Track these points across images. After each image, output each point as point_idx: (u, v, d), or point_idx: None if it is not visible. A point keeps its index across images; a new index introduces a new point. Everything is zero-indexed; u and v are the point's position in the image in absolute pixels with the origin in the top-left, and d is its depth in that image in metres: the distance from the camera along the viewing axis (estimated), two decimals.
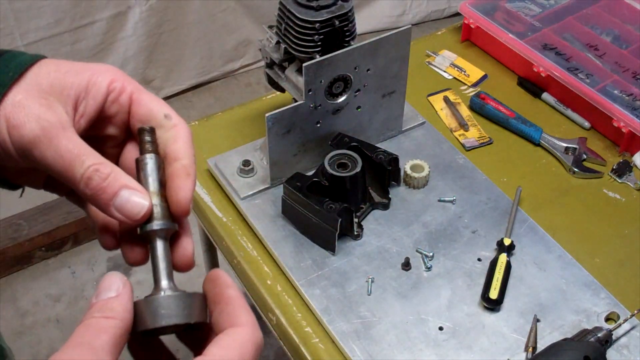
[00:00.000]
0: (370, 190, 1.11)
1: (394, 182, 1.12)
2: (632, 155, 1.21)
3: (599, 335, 0.92)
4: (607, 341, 0.93)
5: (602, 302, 0.99)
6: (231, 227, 1.11)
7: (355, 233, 1.06)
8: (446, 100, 1.32)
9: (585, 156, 1.20)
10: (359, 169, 1.05)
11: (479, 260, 1.04)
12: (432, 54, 1.41)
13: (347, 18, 1.05)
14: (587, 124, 1.27)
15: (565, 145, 1.21)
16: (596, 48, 1.34)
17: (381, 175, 1.10)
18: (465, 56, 1.41)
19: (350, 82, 1.08)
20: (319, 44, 1.04)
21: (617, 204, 1.15)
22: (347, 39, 1.07)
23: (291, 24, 1.05)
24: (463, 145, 1.23)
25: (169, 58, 2.46)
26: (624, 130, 1.20)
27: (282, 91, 1.16)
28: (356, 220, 1.06)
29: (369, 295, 1.00)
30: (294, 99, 1.10)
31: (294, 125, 1.07)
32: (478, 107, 1.28)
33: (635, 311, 0.96)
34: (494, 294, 0.98)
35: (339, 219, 0.99)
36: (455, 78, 1.37)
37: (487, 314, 0.98)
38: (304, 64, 1.01)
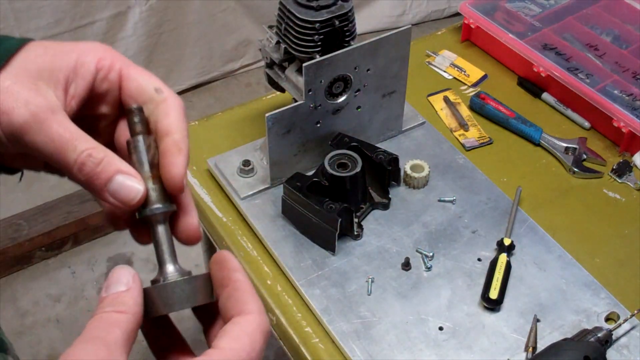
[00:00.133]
0: (370, 190, 1.11)
1: (394, 182, 1.12)
2: (632, 155, 1.21)
3: (599, 335, 0.92)
4: (607, 341, 0.93)
5: (602, 302, 0.99)
6: (231, 227, 1.11)
7: (355, 233, 1.06)
8: (446, 100, 1.31)
9: (585, 156, 1.20)
10: (359, 169, 1.05)
11: (479, 260, 1.04)
12: (432, 54, 1.41)
13: (347, 18, 1.05)
14: (587, 124, 1.27)
15: (565, 145, 1.21)
16: (596, 48, 1.34)
17: (381, 175, 1.10)
18: (465, 56, 1.41)
19: (350, 82, 1.08)
20: (319, 44, 1.04)
21: (617, 204, 1.15)
22: (347, 39, 1.07)
23: (291, 24, 1.05)
24: (463, 145, 1.23)
25: (169, 58, 2.46)
26: (624, 130, 1.19)
27: (282, 91, 1.16)
28: (356, 220, 1.06)
29: (369, 295, 1.00)
30: (294, 99, 1.10)
31: (294, 125, 1.07)
32: (478, 107, 1.28)
33: (635, 311, 0.96)
34: (494, 294, 0.98)
35: (339, 219, 0.99)
36: (455, 78, 1.37)
37: (487, 314, 0.98)
38: (304, 64, 1.01)
